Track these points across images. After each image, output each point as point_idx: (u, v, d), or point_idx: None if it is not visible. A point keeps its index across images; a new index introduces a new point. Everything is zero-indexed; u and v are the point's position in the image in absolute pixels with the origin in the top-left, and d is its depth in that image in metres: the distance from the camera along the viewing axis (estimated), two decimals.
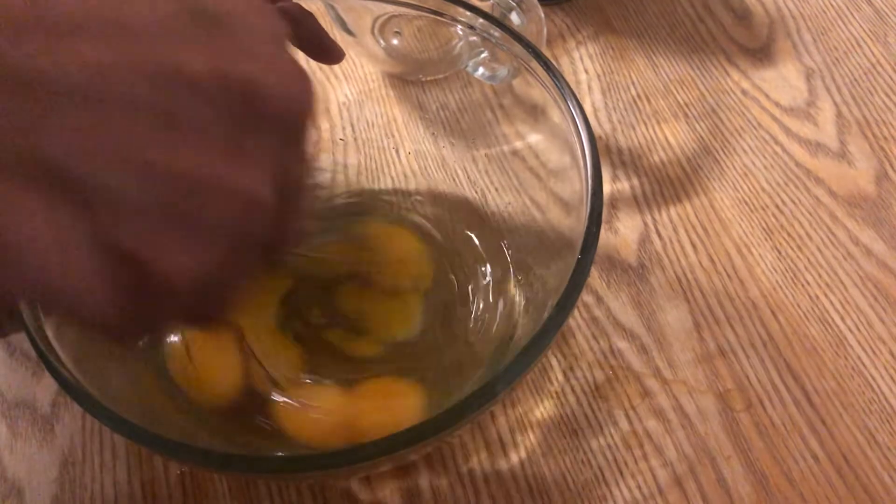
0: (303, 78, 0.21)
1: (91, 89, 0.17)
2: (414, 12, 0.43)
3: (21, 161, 0.16)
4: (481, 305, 0.42)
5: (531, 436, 0.41)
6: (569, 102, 0.37)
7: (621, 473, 0.40)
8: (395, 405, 0.38)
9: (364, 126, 0.51)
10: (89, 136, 0.17)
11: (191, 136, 0.18)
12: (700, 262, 0.46)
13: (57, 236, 0.17)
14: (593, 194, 0.34)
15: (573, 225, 0.36)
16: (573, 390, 0.42)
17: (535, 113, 0.43)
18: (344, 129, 0.50)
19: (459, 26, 0.42)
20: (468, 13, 0.41)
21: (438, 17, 0.43)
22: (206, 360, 0.38)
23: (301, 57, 0.43)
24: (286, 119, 0.20)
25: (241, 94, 0.19)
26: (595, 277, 0.46)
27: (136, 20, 0.18)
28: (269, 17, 0.22)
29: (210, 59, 0.18)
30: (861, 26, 0.56)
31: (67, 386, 0.28)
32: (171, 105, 0.18)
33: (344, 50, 0.42)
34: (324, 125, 0.50)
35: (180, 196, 0.18)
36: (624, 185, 0.49)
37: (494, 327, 0.41)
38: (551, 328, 0.30)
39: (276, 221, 0.21)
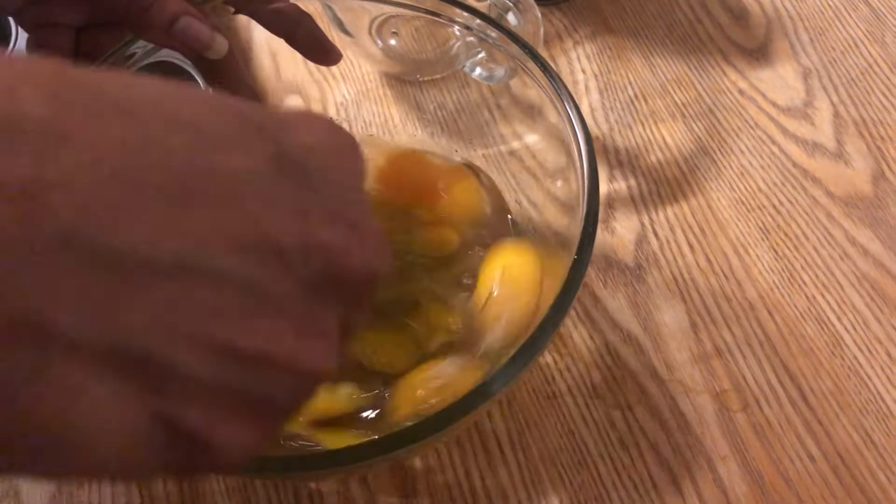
0: (381, 241, 0.21)
1: (181, 265, 0.16)
2: (411, 13, 0.43)
3: (98, 342, 0.15)
4: None
5: (528, 435, 0.41)
6: (565, 103, 0.37)
7: (618, 473, 0.40)
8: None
9: (361, 126, 0.51)
10: (172, 314, 0.16)
11: (270, 309, 0.18)
12: (697, 263, 0.46)
13: (122, 419, 0.16)
14: (589, 195, 0.34)
15: (570, 224, 0.36)
16: (570, 390, 0.42)
17: (532, 113, 0.43)
18: None
19: (456, 27, 0.42)
20: (465, 14, 0.41)
21: (435, 18, 0.43)
22: None
23: (299, 59, 0.43)
24: (361, 286, 0.20)
25: (324, 266, 0.19)
26: (592, 277, 0.46)
27: (228, 176, 0.17)
28: (351, 156, 0.21)
29: (299, 228, 0.18)
30: (858, 26, 0.56)
31: None
32: (256, 278, 0.17)
33: (341, 50, 0.43)
34: None
35: (253, 376, 0.18)
36: (621, 185, 0.49)
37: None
38: (548, 328, 0.30)
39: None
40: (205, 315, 0.17)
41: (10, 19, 0.50)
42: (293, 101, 0.51)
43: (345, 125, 0.50)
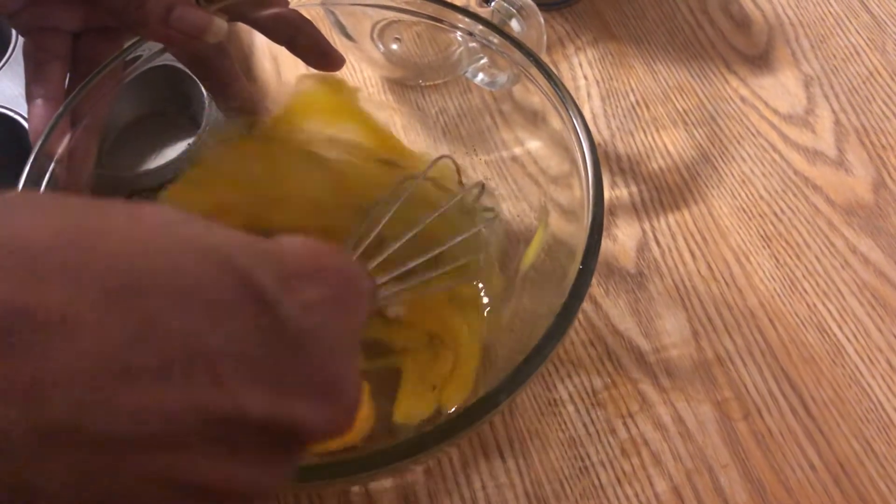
0: (351, 406, 0.22)
1: (155, 438, 0.18)
2: (413, 18, 0.43)
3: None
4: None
5: (529, 443, 0.41)
6: (569, 109, 0.37)
7: (619, 482, 0.40)
8: None
9: None
10: (142, 478, 0.18)
11: (224, 452, 0.19)
12: (698, 270, 0.46)
13: None
14: (595, 203, 0.34)
15: (574, 232, 0.36)
16: (571, 398, 0.42)
17: (534, 119, 0.43)
18: None
19: (459, 32, 0.42)
20: (467, 19, 0.41)
21: (438, 23, 0.43)
22: None
23: (300, 62, 0.43)
24: (316, 443, 0.21)
25: (284, 433, 0.20)
26: (594, 285, 0.46)
27: (217, 352, 0.18)
28: (354, 309, 0.22)
29: (270, 402, 0.19)
30: (859, 34, 0.56)
31: None
32: (219, 439, 0.19)
33: (343, 55, 0.42)
34: None
35: None
36: (622, 192, 0.49)
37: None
38: (553, 337, 0.30)
39: None
40: (168, 470, 0.19)
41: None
42: None
43: None
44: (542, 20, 0.45)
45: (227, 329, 0.19)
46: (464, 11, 0.41)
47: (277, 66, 0.53)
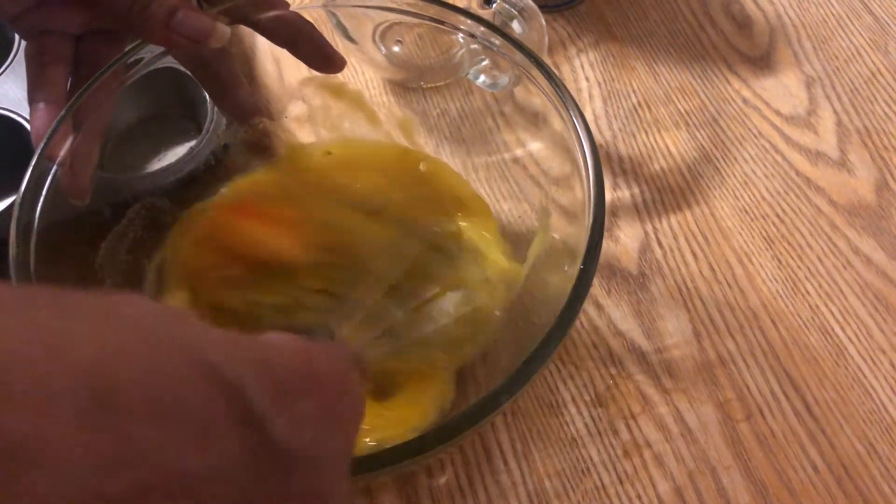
0: None
1: None
2: (415, 20, 0.43)
3: None
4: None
5: (531, 444, 0.41)
6: (570, 111, 0.37)
7: (621, 482, 0.40)
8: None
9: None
10: None
11: None
12: (700, 271, 0.46)
13: None
14: (596, 204, 0.34)
15: (575, 233, 0.36)
16: (573, 399, 0.42)
17: (536, 121, 0.43)
18: None
19: (460, 34, 0.42)
20: (469, 21, 0.41)
21: (439, 25, 0.43)
22: None
23: (302, 64, 0.43)
24: None
25: None
26: (595, 286, 0.46)
27: (195, 477, 0.17)
28: (350, 422, 0.21)
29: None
30: (861, 35, 0.56)
31: None
32: None
33: (345, 57, 0.42)
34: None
35: None
36: (624, 193, 0.49)
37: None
38: (555, 338, 0.30)
39: None
40: None
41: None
42: (296, 108, 0.51)
43: None
44: (543, 22, 0.45)
45: (210, 449, 0.17)
46: (465, 13, 0.41)
47: (279, 69, 0.53)
